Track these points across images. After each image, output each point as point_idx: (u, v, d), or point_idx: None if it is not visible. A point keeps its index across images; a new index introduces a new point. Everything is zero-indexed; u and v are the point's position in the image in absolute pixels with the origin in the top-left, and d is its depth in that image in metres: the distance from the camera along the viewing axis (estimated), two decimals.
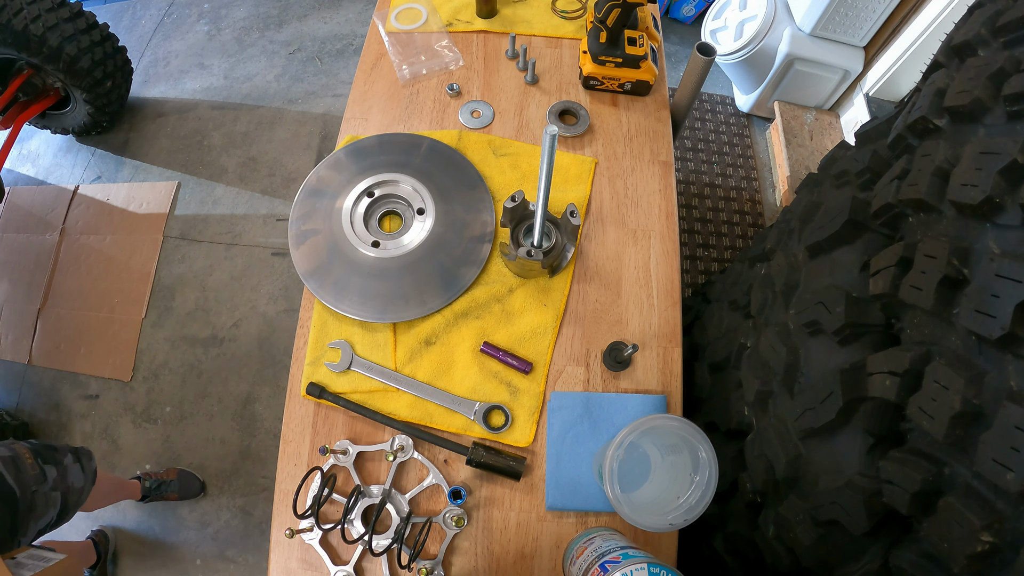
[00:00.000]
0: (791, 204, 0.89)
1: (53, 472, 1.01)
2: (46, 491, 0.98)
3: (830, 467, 0.56)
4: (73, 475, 1.06)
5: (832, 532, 0.56)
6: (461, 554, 0.69)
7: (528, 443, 0.72)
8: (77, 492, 1.05)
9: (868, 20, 1.63)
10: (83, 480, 1.07)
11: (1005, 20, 0.53)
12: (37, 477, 0.96)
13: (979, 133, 0.52)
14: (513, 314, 0.77)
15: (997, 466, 0.41)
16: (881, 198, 0.60)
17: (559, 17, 1.01)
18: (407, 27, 0.98)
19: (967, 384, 0.44)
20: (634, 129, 0.91)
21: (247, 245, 1.84)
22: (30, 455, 0.96)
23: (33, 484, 0.95)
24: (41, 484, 0.97)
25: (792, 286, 0.69)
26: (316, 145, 2.00)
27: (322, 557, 0.67)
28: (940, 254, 0.49)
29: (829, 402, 0.56)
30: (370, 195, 0.81)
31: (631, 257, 0.82)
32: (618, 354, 0.74)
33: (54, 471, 1.01)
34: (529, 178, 0.86)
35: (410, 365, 0.75)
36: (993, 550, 0.41)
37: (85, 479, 1.08)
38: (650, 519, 0.57)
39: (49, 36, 1.63)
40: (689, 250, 1.81)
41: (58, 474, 1.02)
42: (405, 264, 0.78)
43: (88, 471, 1.11)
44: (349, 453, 0.70)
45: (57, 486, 1.01)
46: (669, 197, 0.86)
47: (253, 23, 2.29)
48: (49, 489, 0.98)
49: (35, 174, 2.05)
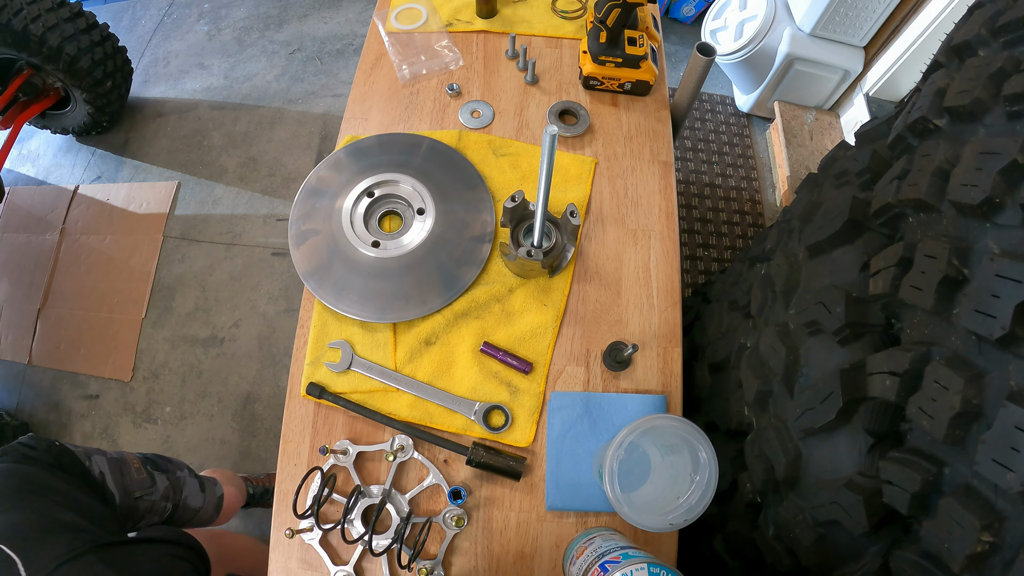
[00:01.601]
0: (791, 204, 0.89)
1: (164, 481, 0.97)
2: (154, 499, 0.94)
3: (830, 467, 0.56)
4: (189, 490, 1.02)
5: (832, 532, 0.56)
6: (461, 554, 0.69)
7: (528, 443, 0.72)
8: (191, 511, 1.00)
9: (868, 20, 1.63)
10: (201, 500, 1.03)
11: (1005, 20, 0.53)
12: (143, 482, 0.92)
13: (979, 133, 0.52)
14: (513, 314, 0.77)
15: (997, 466, 0.41)
16: (881, 198, 0.60)
17: (559, 17, 1.01)
18: (407, 27, 0.98)
19: (967, 384, 0.44)
20: (634, 129, 0.91)
21: (247, 245, 1.84)
22: (138, 461, 0.94)
23: (138, 489, 0.91)
24: (148, 490, 0.93)
25: (792, 286, 0.69)
26: (316, 145, 2.00)
27: (322, 557, 0.67)
28: (940, 254, 0.49)
29: (829, 402, 0.56)
30: (370, 195, 0.81)
31: (631, 257, 0.82)
32: (618, 354, 0.74)
33: (165, 480, 0.97)
34: (529, 178, 0.86)
35: (410, 365, 0.75)
36: (993, 550, 0.41)
37: (204, 500, 1.04)
38: (650, 519, 0.57)
39: (49, 36, 1.63)
40: (689, 250, 1.81)
41: (169, 484, 0.98)
42: (405, 264, 0.78)
43: (210, 493, 1.06)
44: (349, 453, 0.70)
45: (168, 497, 0.97)
46: (669, 197, 0.86)
47: (253, 23, 2.29)
48: (159, 498, 0.95)
49: (35, 174, 2.05)
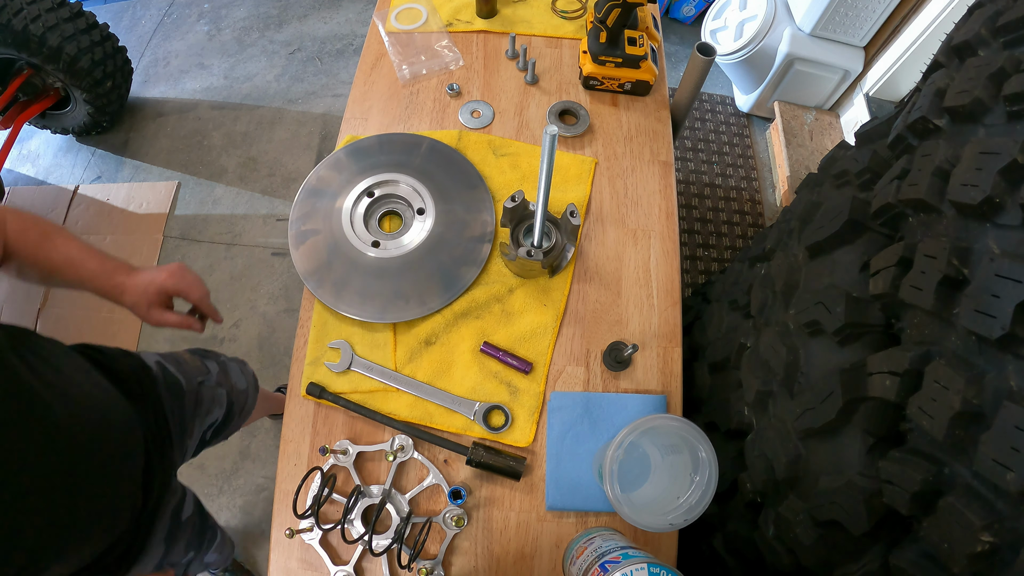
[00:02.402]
0: (791, 204, 0.89)
1: (215, 367, 0.98)
2: (211, 385, 0.95)
3: (830, 467, 0.56)
4: (235, 374, 1.02)
5: (832, 532, 0.56)
6: (461, 554, 0.69)
7: (528, 443, 0.72)
8: (242, 394, 1.01)
9: (868, 20, 1.63)
10: (245, 383, 1.04)
11: (1005, 20, 0.53)
12: (200, 369, 0.94)
13: (979, 133, 0.52)
14: (513, 314, 0.77)
15: (997, 466, 0.41)
16: (881, 198, 0.60)
17: (559, 17, 1.01)
18: (407, 27, 0.98)
19: (967, 384, 0.44)
20: (634, 129, 0.91)
21: (247, 245, 1.84)
22: (187, 353, 0.96)
23: (198, 375, 0.92)
24: (206, 376, 0.94)
25: (792, 286, 0.69)
26: (316, 145, 2.00)
27: (322, 557, 0.67)
28: (940, 254, 0.49)
29: (829, 402, 0.56)
30: (370, 195, 0.81)
31: (631, 257, 0.82)
32: (618, 354, 0.74)
33: (215, 366, 0.98)
34: (529, 178, 0.86)
35: (410, 365, 0.75)
36: (993, 550, 0.41)
37: (247, 383, 1.05)
38: (650, 519, 0.57)
39: (49, 36, 1.63)
40: (689, 250, 1.81)
41: (220, 369, 0.99)
42: (405, 264, 0.78)
43: (248, 375, 1.08)
44: (349, 453, 0.70)
45: (222, 383, 0.98)
46: (669, 197, 0.86)
47: (253, 23, 2.29)
48: (214, 384, 0.95)
49: (35, 174, 2.05)
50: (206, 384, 0.93)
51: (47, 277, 0.71)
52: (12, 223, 0.67)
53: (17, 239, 0.67)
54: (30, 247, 0.68)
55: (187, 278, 0.76)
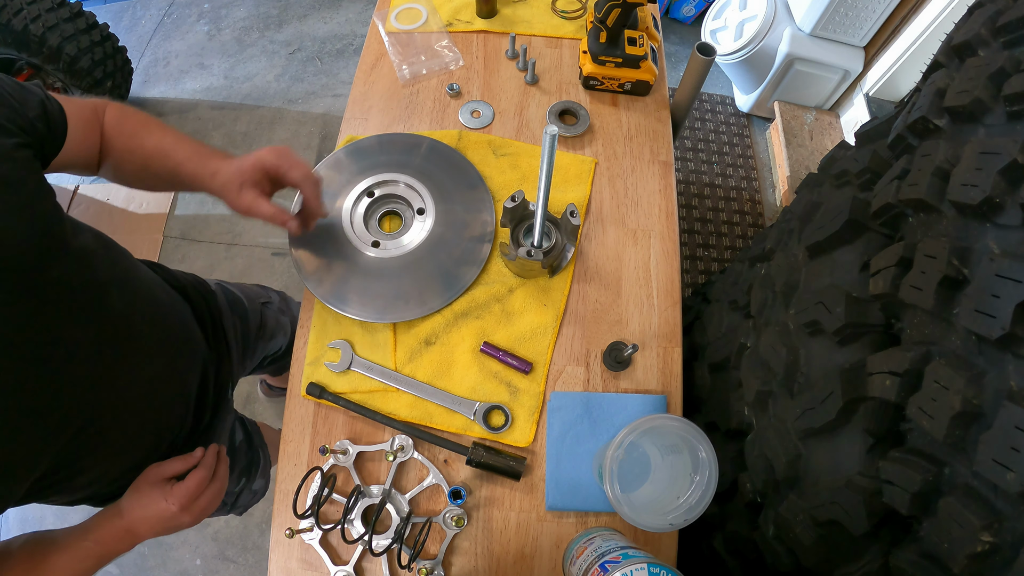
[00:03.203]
0: (791, 204, 0.89)
1: (276, 296, 0.95)
2: (274, 311, 0.92)
3: (830, 467, 0.56)
4: (294, 305, 1.00)
5: (832, 532, 0.56)
6: (461, 554, 0.69)
7: (528, 443, 0.72)
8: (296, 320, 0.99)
9: (868, 20, 1.63)
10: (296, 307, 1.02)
11: (1005, 20, 0.53)
12: (261, 293, 0.91)
13: (979, 133, 0.52)
14: (513, 314, 0.77)
15: (997, 466, 0.41)
16: (881, 198, 0.60)
17: (559, 17, 1.01)
18: (407, 27, 0.98)
19: (967, 384, 0.44)
20: (634, 129, 0.91)
21: (247, 245, 1.83)
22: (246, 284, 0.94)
23: (260, 297, 0.89)
24: (268, 300, 0.91)
25: (792, 286, 0.69)
26: (316, 145, 2.00)
27: (322, 557, 0.67)
28: (940, 254, 0.49)
29: (829, 402, 0.56)
30: (370, 195, 0.81)
31: (631, 257, 0.82)
32: (618, 354, 0.74)
33: (276, 295, 0.96)
34: (529, 178, 0.86)
35: (410, 365, 0.75)
36: (993, 550, 0.41)
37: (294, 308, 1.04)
38: (650, 519, 0.57)
39: (49, 36, 1.63)
40: (689, 250, 1.81)
41: (281, 299, 0.96)
42: (405, 264, 0.78)
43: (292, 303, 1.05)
44: (349, 453, 0.70)
45: (284, 311, 0.95)
46: (669, 197, 0.86)
47: (253, 23, 2.29)
48: (277, 310, 0.93)
49: None
50: (269, 307, 0.92)
51: (142, 170, 0.67)
52: (110, 114, 0.65)
53: (114, 130, 0.65)
54: (125, 137, 0.65)
55: (292, 157, 0.68)
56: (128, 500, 0.62)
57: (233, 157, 0.67)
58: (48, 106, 0.56)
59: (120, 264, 0.65)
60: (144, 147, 0.66)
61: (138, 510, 0.61)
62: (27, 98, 0.54)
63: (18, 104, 0.53)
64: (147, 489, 0.62)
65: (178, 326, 0.73)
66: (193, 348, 0.75)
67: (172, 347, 0.70)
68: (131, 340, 0.62)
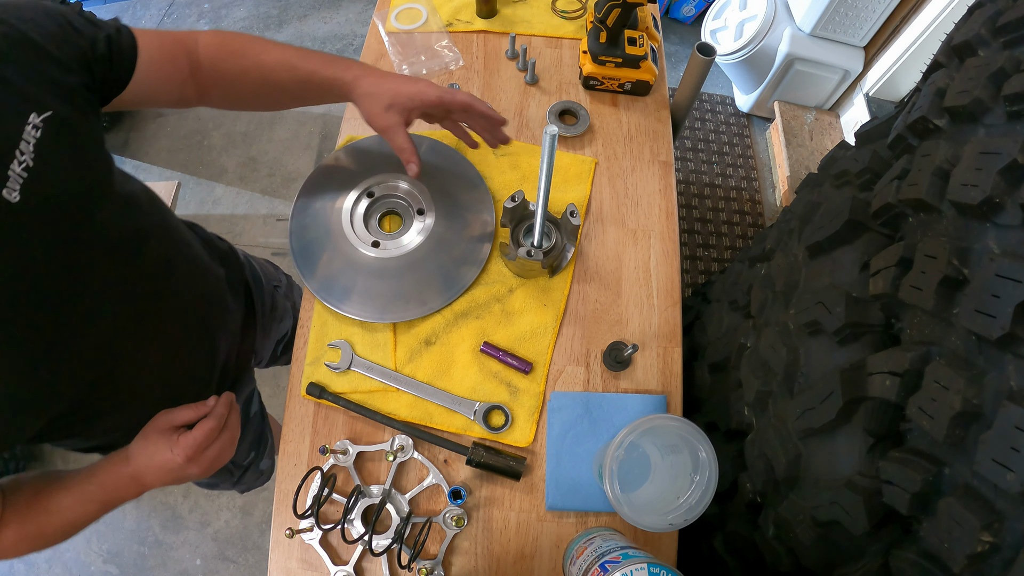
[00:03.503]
0: (791, 204, 0.89)
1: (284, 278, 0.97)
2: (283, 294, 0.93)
3: (830, 467, 0.56)
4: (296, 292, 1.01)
5: (832, 532, 0.56)
6: (461, 554, 0.69)
7: (528, 443, 0.72)
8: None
9: (868, 20, 1.63)
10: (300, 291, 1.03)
11: (1005, 20, 0.53)
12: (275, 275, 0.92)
13: (979, 133, 0.52)
14: (513, 314, 0.77)
15: (997, 466, 0.41)
16: (881, 198, 0.60)
17: (559, 17, 1.01)
18: (407, 27, 0.98)
19: (967, 384, 0.44)
20: (634, 129, 0.91)
21: (247, 245, 1.83)
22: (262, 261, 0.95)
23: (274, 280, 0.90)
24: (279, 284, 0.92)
25: (792, 286, 0.69)
26: (316, 145, 2.00)
27: (322, 557, 0.67)
28: (940, 254, 0.49)
29: (829, 402, 0.56)
30: (370, 195, 0.81)
31: (631, 257, 0.82)
32: (618, 354, 0.74)
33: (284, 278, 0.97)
34: (529, 178, 0.86)
35: (410, 365, 0.75)
36: (993, 550, 0.41)
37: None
38: (650, 519, 0.57)
39: None
40: (689, 250, 1.81)
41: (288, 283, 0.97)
42: (405, 264, 0.78)
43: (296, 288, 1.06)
44: (349, 453, 0.70)
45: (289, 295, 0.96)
46: (669, 197, 0.86)
47: (253, 23, 2.29)
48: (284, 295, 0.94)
49: None
50: (280, 291, 0.93)
51: (263, 86, 0.66)
52: (206, 41, 0.64)
53: (218, 54, 0.64)
54: (236, 57, 0.64)
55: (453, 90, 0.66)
56: (136, 447, 0.60)
57: (376, 68, 0.66)
58: (117, 42, 0.56)
59: (162, 217, 0.65)
60: (263, 63, 0.64)
61: (144, 458, 0.59)
62: (95, 33, 0.54)
63: (85, 41, 0.52)
64: (155, 437, 0.59)
65: (212, 287, 0.74)
66: (224, 312, 0.76)
67: (204, 307, 0.71)
68: (164, 293, 0.62)
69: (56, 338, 0.50)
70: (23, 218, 0.45)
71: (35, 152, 0.46)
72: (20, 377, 0.48)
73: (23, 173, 0.45)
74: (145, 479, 0.59)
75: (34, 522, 0.56)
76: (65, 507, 0.57)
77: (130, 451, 0.60)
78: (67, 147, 0.48)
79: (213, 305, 0.74)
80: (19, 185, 0.45)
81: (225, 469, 0.94)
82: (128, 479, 0.59)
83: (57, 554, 1.52)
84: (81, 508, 0.57)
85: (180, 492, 1.57)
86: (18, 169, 0.45)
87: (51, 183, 0.47)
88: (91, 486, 0.58)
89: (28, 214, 0.45)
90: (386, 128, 0.66)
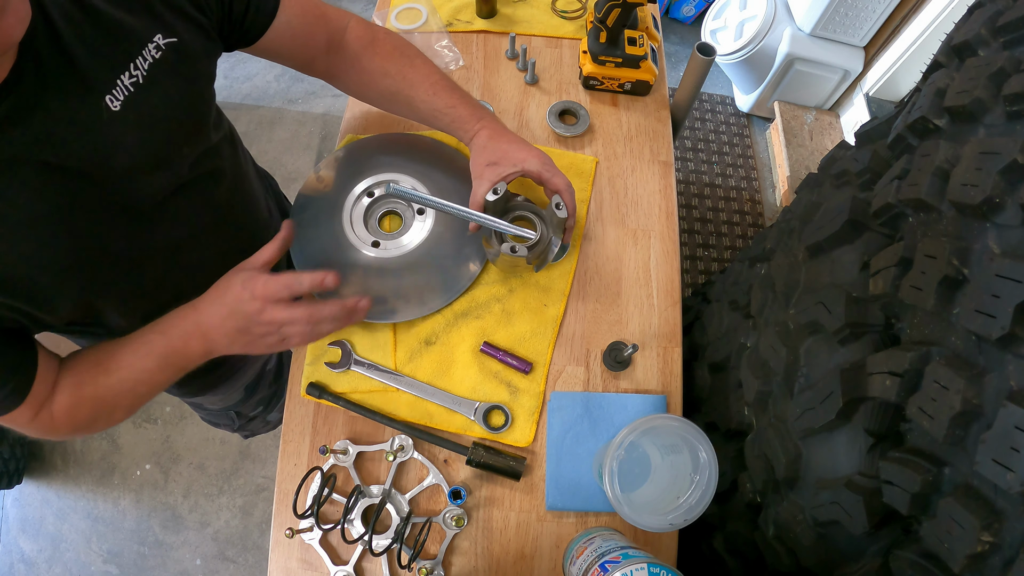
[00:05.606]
0: (791, 204, 0.89)
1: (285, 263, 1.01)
2: None
3: (830, 467, 0.56)
4: None
5: (832, 532, 0.56)
6: (461, 554, 0.69)
7: (528, 443, 0.72)
8: None
9: (868, 20, 1.63)
10: None
11: (1005, 20, 0.53)
12: None
13: (979, 133, 0.52)
14: (513, 314, 0.77)
15: (997, 466, 0.41)
16: (881, 198, 0.60)
17: (559, 17, 1.01)
18: (407, 27, 0.98)
19: (967, 384, 0.44)
20: (634, 129, 0.91)
21: None
22: None
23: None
24: None
25: (792, 286, 0.69)
26: (316, 145, 2.00)
27: (322, 557, 0.67)
28: (940, 254, 0.49)
29: (829, 402, 0.56)
30: (370, 195, 0.81)
31: (631, 257, 0.82)
32: (618, 354, 0.74)
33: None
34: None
35: (410, 365, 0.75)
36: (993, 550, 0.41)
37: None
38: (650, 519, 0.57)
39: None
40: (689, 250, 1.81)
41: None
42: (405, 264, 0.78)
43: None
44: (349, 453, 0.70)
45: None
46: (669, 197, 0.86)
47: None
48: None
49: None
50: None
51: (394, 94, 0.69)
52: (357, 30, 0.66)
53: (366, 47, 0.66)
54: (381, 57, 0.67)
55: (555, 167, 0.68)
56: (207, 292, 0.57)
57: (499, 123, 0.69)
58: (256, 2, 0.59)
59: (239, 162, 0.67)
60: (407, 75, 0.66)
61: (211, 298, 0.55)
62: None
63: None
64: (230, 275, 0.57)
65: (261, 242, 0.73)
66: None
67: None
68: (219, 235, 0.64)
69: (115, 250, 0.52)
70: (116, 129, 0.47)
71: (147, 72, 0.48)
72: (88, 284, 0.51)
73: (130, 86, 0.47)
74: (210, 325, 0.55)
75: (91, 383, 0.53)
76: (124, 363, 0.53)
77: (200, 298, 0.57)
78: (179, 77, 0.51)
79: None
80: (123, 96, 0.47)
81: (227, 416, 0.94)
82: (193, 326, 0.55)
83: (57, 554, 1.52)
84: (140, 363, 0.54)
85: (180, 492, 1.57)
86: (127, 81, 0.47)
87: (151, 105, 0.49)
88: (153, 334, 0.55)
89: (124, 125, 0.47)
90: (477, 177, 0.69)
